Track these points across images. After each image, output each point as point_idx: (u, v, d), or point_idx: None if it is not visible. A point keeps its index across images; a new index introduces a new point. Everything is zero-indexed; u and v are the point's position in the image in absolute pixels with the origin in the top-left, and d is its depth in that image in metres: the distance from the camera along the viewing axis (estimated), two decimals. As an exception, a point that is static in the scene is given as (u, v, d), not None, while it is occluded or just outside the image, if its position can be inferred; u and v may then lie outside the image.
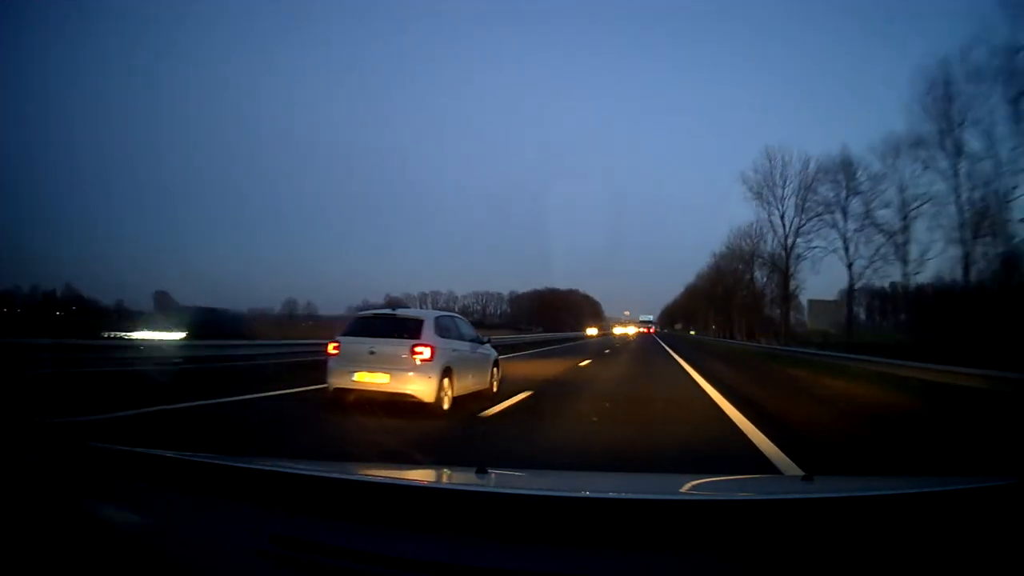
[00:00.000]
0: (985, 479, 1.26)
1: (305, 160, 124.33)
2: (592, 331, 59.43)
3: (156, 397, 6.10)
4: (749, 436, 5.30)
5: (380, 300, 73.01)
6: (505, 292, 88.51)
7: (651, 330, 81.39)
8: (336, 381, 6.26)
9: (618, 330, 72.85)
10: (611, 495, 1.31)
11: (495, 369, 8.10)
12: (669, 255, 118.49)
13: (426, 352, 6.12)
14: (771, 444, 4.83)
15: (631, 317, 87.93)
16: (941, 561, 0.98)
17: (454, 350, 6.71)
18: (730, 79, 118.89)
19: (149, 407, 5.77)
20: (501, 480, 1.64)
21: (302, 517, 1.18)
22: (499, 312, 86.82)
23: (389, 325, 6.50)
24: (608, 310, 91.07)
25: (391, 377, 6.03)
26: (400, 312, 6.89)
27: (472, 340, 7.52)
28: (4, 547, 1.07)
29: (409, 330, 6.35)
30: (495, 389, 7.88)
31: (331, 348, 6.43)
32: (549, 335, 39.20)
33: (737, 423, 6.07)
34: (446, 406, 6.23)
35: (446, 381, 6.28)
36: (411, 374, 6.05)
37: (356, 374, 6.08)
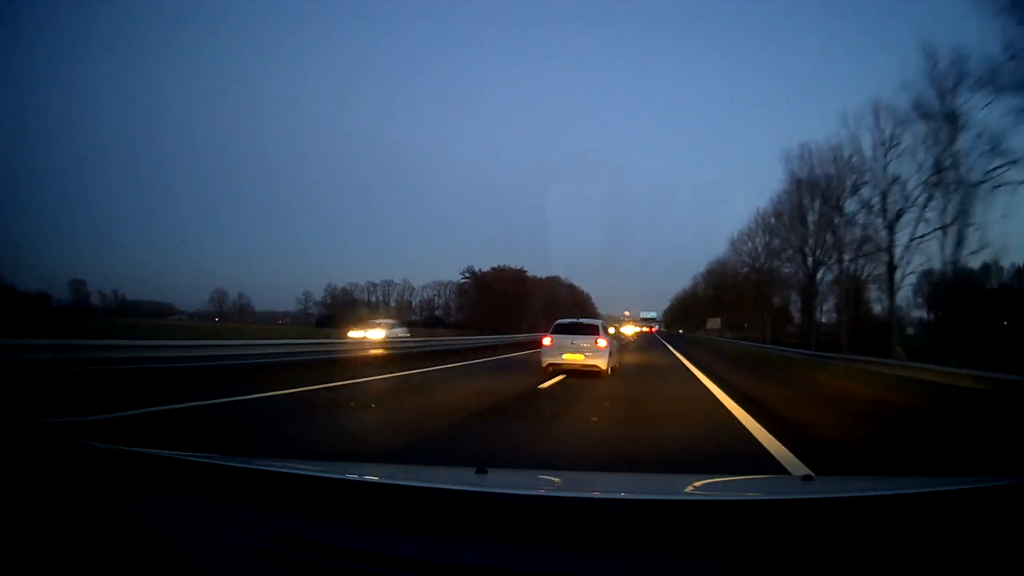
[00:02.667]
0: (986, 479, 1.30)
1: (242, 139, 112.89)
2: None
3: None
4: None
5: (320, 291, 66.99)
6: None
7: (653, 329, 72.69)
8: (549, 360, 11.50)
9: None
10: (610, 496, 1.37)
11: (618, 354, 14.07)
12: (672, 254, 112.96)
13: (603, 343, 11.51)
14: None
15: (632, 316, 76.19)
16: (942, 561, 1.04)
17: (611, 341, 12.31)
18: (732, 78, 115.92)
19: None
20: (501, 480, 1.69)
21: (302, 517, 1.25)
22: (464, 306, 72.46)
23: (579, 327, 11.95)
24: (608, 308, 77.20)
25: (584, 357, 11.27)
26: (584, 320, 12.81)
27: (611, 336, 13.28)
28: (4, 547, 1.14)
29: (592, 331, 11.81)
30: (617, 366, 12.93)
31: (546, 341, 11.85)
32: (457, 340, 25.71)
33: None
34: (609, 372, 11.46)
35: (610, 359, 11.65)
36: (595, 355, 11.30)
37: (564, 355, 11.36)
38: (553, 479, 2.04)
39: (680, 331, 71.97)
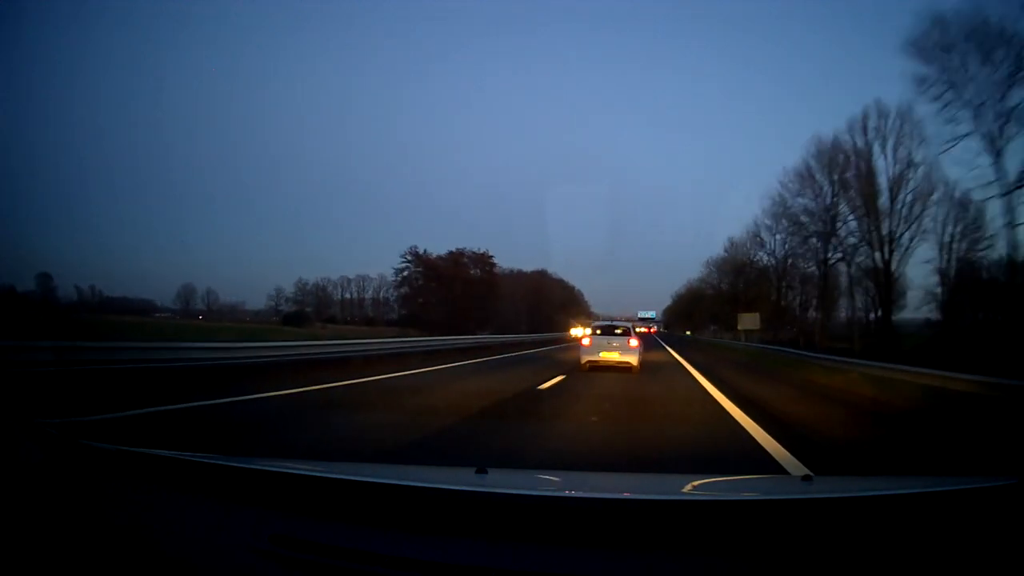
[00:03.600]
0: (985, 479, 1.32)
1: (226, 133, 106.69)
2: None
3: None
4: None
5: (291, 285, 64.94)
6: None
7: (652, 330, 66.79)
8: (587, 358, 13.34)
9: (577, 332, 45.69)
10: (610, 495, 1.38)
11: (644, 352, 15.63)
12: (670, 254, 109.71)
13: (635, 343, 13.47)
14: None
15: (629, 315, 77.16)
16: (942, 561, 1.05)
17: (640, 341, 14.20)
18: (731, 78, 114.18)
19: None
20: (501, 480, 1.71)
21: (302, 517, 1.27)
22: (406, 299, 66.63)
23: (614, 329, 13.96)
24: (604, 307, 72.82)
25: (619, 355, 13.14)
26: (617, 323, 14.87)
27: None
28: (5, 547, 1.17)
29: (625, 332, 13.79)
30: (642, 362, 14.20)
31: (585, 341, 14.04)
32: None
33: None
34: (639, 368, 13.21)
35: (639, 356, 13.50)
36: (627, 353, 13.17)
37: (601, 354, 13.19)
38: (553, 479, 2.06)
39: (687, 332, 63.83)
